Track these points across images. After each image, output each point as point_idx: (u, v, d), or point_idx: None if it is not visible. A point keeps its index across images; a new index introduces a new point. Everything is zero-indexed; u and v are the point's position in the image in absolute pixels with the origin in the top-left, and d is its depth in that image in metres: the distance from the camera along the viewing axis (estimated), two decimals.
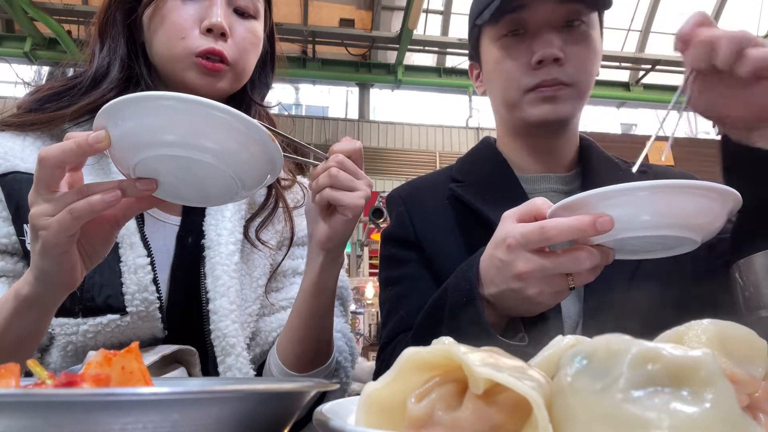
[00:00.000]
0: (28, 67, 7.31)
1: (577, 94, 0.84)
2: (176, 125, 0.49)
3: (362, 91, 8.22)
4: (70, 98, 0.79)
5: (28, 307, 0.58)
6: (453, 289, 0.68)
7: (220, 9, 0.79)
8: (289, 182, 0.97)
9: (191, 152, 0.50)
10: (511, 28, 0.84)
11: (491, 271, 0.62)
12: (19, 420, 0.27)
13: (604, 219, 0.52)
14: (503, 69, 0.86)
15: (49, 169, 0.51)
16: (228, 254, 0.81)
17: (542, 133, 0.90)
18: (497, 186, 0.89)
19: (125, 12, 0.82)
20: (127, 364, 0.33)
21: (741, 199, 0.53)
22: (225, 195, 0.57)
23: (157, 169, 0.53)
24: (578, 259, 0.56)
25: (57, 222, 0.51)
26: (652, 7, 7.75)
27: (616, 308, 0.78)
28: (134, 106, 0.49)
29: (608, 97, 8.29)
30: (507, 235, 0.59)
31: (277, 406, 0.36)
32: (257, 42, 0.86)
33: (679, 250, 0.57)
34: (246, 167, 0.53)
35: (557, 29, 0.83)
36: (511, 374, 0.28)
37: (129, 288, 0.74)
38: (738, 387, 0.28)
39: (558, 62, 0.82)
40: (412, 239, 0.92)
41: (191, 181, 0.54)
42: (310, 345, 0.76)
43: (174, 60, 0.79)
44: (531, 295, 0.59)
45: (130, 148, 0.51)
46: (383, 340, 0.90)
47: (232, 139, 0.50)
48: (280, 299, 0.90)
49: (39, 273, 0.55)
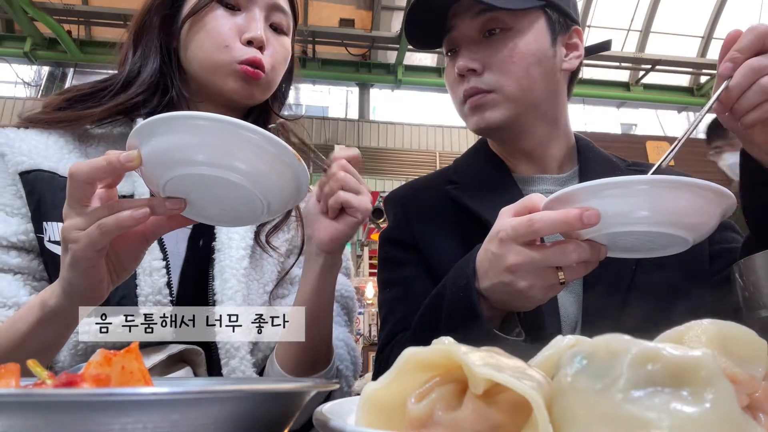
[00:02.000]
0: (28, 67, 7.31)
1: (505, 99, 0.85)
2: (207, 144, 0.49)
3: (362, 91, 8.23)
4: (99, 99, 0.81)
5: (52, 318, 0.58)
6: (451, 284, 0.68)
7: (261, 23, 0.83)
8: None
9: (220, 171, 0.50)
10: (448, 47, 0.91)
11: (485, 264, 0.63)
12: (19, 420, 0.27)
13: (591, 212, 0.52)
14: (447, 86, 0.94)
15: (79, 185, 0.52)
16: (238, 258, 0.82)
17: (499, 138, 0.93)
18: (494, 187, 0.89)
19: (163, 17, 0.85)
20: (127, 364, 0.33)
21: (735, 201, 0.52)
22: (251, 216, 0.58)
23: (186, 189, 0.54)
24: (565, 252, 0.56)
25: (86, 236, 0.52)
26: (652, 7, 7.75)
27: (615, 309, 0.78)
28: (165, 125, 0.49)
29: (608, 97, 8.29)
30: (500, 228, 0.60)
31: (276, 406, 0.36)
32: (287, 57, 0.90)
33: (671, 249, 0.57)
34: (274, 189, 0.54)
35: (478, 41, 0.86)
36: (511, 374, 0.28)
37: (143, 290, 0.74)
38: (738, 387, 0.28)
39: (475, 72, 0.85)
40: (410, 241, 0.92)
41: (219, 201, 0.55)
42: (309, 349, 0.76)
43: (215, 67, 0.82)
44: (522, 289, 0.59)
45: (161, 166, 0.51)
46: (382, 341, 0.90)
47: (261, 160, 0.51)
48: (284, 306, 0.90)
49: (66, 285, 0.55)
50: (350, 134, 7.69)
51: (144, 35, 0.85)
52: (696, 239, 0.54)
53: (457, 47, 0.89)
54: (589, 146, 0.97)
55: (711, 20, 7.85)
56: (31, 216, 0.75)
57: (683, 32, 8.01)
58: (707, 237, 0.55)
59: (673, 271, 0.81)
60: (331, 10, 7.50)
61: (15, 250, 0.74)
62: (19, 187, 0.75)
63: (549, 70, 0.87)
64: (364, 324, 6.94)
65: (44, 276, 0.76)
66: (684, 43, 8.03)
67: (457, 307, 0.66)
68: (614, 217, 0.52)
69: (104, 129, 0.83)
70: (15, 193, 0.75)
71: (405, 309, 0.86)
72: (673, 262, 0.81)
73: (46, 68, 7.40)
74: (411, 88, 8.16)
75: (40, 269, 0.76)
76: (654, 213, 0.50)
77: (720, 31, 7.82)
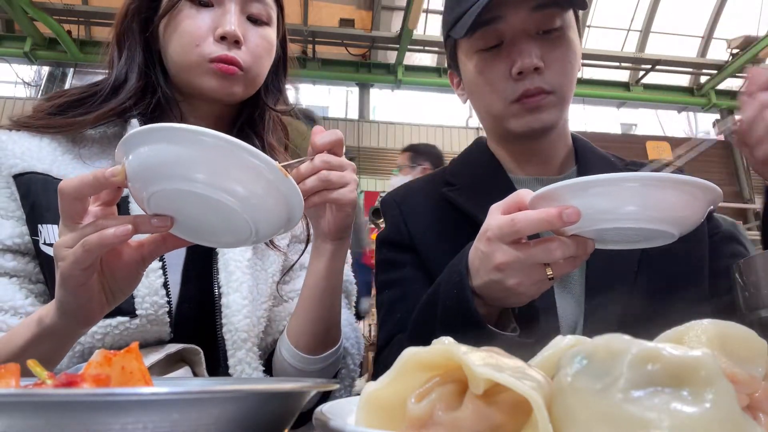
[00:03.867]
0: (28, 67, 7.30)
1: (560, 101, 0.84)
2: (192, 160, 0.46)
3: (362, 91, 8.21)
4: (89, 105, 0.80)
5: (48, 336, 0.58)
6: (445, 282, 0.69)
7: (234, 17, 0.80)
8: None
9: (204, 189, 0.47)
10: (487, 42, 0.83)
11: (476, 262, 0.63)
12: (19, 420, 0.27)
13: (570, 210, 0.52)
14: (484, 82, 0.85)
15: (68, 201, 0.52)
16: (241, 251, 0.83)
17: (527, 141, 0.90)
18: (490, 189, 0.89)
19: (141, 21, 0.83)
20: (127, 364, 0.33)
21: (721, 193, 0.52)
22: (236, 239, 0.55)
23: (173, 207, 0.51)
24: (549, 249, 0.56)
25: (72, 254, 0.51)
26: (652, 7, 7.74)
27: (617, 310, 0.78)
28: (147, 137, 0.47)
29: (608, 97, 8.28)
30: (487, 227, 0.60)
31: (276, 406, 0.36)
32: (270, 48, 0.87)
33: (657, 242, 0.57)
34: (263, 214, 0.51)
35: (533, 37, 0.82)
36: (511, 374, 0.28)
37: (140, 291, 0.74)
38: (738, 387, 0.28)
39: (538, 71, 0.81)
40: (407, 242, 0.92)
41: (204, 220, 0.52)
42: (323, 325, 0.78)
43: (189, 67, 0.80)
44: (511, 286, 0.60)
45: (143, 179, 0.49)
46: (380, 343, 0.90)
47: (253, 182, 0.48)
48: (288, 291, 0.92)
49: (59, 304, 0.55)
50: (350, 134, 7.68)
51: (126, 39, 0.84)
52: (683, 232, 0.54)
53: (502, 41, 0.83)
54: (587, 146, 0.97)
55: (711, 20, 7.84)
56: (25, 219, 0.75)
57: (683, 32, 8.00)
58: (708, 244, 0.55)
59: (674, 273, 0.81)
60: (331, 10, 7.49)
61: (10, 254, 0.73)
62: (13, 190, 0.75)
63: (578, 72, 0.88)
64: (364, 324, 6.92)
65: (40, 279, 0.76)
66: (684, 43, 8.02)
67: (451, 304, 0.66)
68: (599, 214, 0.52)
69: (98, 130, 0.83)
70: (9, 195, 0.75)
71: (403, 310, 0.86)
72: (674, 264, 0.81)
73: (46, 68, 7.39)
74: (411, 88, 8.14)
75: (36, 272, 0.75)
76: (639, 209, 0.50)
77: (720, 31, 7.81)
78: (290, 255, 0.93)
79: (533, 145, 0.91)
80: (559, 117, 0.86)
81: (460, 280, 0.65)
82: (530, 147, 0.91)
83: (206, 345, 0.78)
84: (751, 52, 7.14)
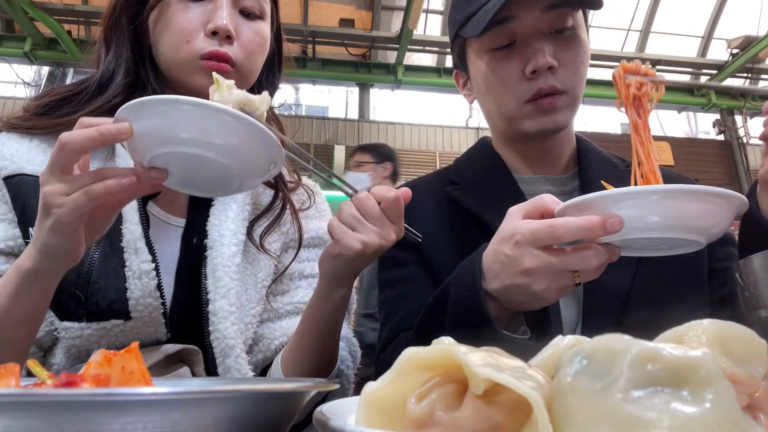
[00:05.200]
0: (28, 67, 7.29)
1: (572, 101, 0.84)
2: (189, 125, 0.54)
3: (362, 91, 8.21)
4: (76, 104, 0.79)
5: (32, 281, 0.60)
6: (456, 284, 0.68)
7: (226, 11, 0.78)
8: (294, 184, 0.96)
9: (202, 150, 0.55)
10: (499, 42, 0.83)
11: (495, 265, 0.62)
12: (19, 420, 0.27)
13: (614, 220, 0.52)
14: (496, 82, 0.85)
15: (68, 154, 0.55)
16: (230, 255, 0.81)
17: (537, 141, 0.90)
18: (494, 188, 0.89)
19: (130, 16, 0.81)
20: (127, 364, 0.33)
21: (747, 202, 0.54)
22: (226, 187, 0.62)
23: (167, 162, 0.58)
24: (586, 258, 0.56)
25: (72, 201, 0.55)
26: (652, 7, 7.74)
27: (615, 311, 0.78)
28: (157, 106, 0.54)
29: (608, 97, 8.28)
30: (515, 231, 0.59)
31: (276, 406, 0.36)
32: (264, 43, 0.85)
33: (684, 249, 0.58)
34: (248, 163, 0.58)
35: (546, 36, 0.82)
36: (511, 374, 0.28)
37: (133, 293, 0.73)
38: (738, 387, 0.28)
39: (551, 70, 0.81)
40: (410, 240, 0.92)
41: (198, 173, 0.59)
42: (319, 361, 0.77)
43: (180, 63, 0.78)
44: (537, 291, 0.59)
45: (149, 142, 0.56)
46: (382, 341, 0.90)
47: (236, 137, 0.55)
48: (285, 303, 0.89)
49: (45, 247, 0.58)
50: (350, 134, 7.68)
51: (113, 35, 0.82)
52: (710, 240, 0.56)
53: (515, 40, 0.83)
54: (589, 147, 0.97)
55: (711, 20, 7.84)
56: (17, 221, 0.74)
57: (683, 32, 8.00)
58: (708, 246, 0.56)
59: (674, 274, 0.81)
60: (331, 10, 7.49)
61: (3, 256, 0.73)
62: (4, 192, 0.74)
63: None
64: None
65: None
66: (684, 43, 8.02)
67: (462, 306, 0.65)
68: (632, 224, 0.53)
69: None
70: (0, 198, 0.74)
71: (406, 308, 0.86)
72: (674, 265, 0.82)
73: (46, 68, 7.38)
74: (411, 88, 8.14)
75: None
76: (670, 220, 0.52)
77: (720, 31, 7.81)
78: (284, 260, 0.92)
79: (543, 145, 0.90)
80: (571, 117, 0.86)
81: (473, 282, 0.64)
82: (539, 147, 0.91)
83: (202, 345, 0.78)
84: (751, 52, 7.14)
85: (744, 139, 8.29)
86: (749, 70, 7.86)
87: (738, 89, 8.28)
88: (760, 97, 7.74)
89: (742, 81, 8.02)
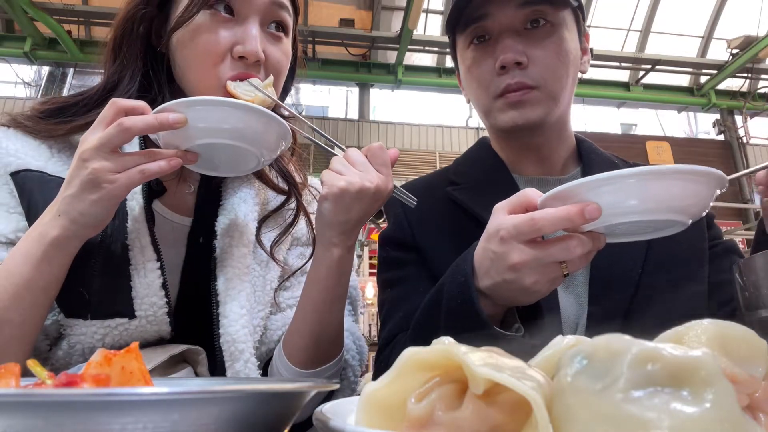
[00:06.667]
0: (28, 67, 7.30)
1: (546, 97, 0.84)
2: (233, 122, 0.65)
3: (362, 91, 8.22)
4: (76, 112, 0.78)
5: (57, 250, 0.62)
6: (449, 283, 0.68)
7: (256, 32, 0.75)
8: (302, 185, 0.96)
9: (236, 141, 0.66)
10: (476, 34, 0.86)
11: (485, 263, 0.63)
12: (19, 420, 0.27)
13: (592, 207, 0.53)
14: (474, 76, 0.88)
15: (127, 136, 0.61)
16: (240, 257, 0.80)
17: (518, 137, 0.90)
18: (494, 188, 0.89)
19: (146, 28, 0.79)
20: (127, 364, 0.33)
21: (726, 178, 0.54)
22: (244, 168, 0.73)
23: (201, 149, 0.68)
24: (569, 248, 0.57)
25: (127, 178, 0.61)
26: (652, 7, 7.74)
27: (620, 310, 0.78)
28: (209, 105, 0.65)
29: (608, 97, 8.28)
30: (499, 227, 0.60)
31: (276, 406, 0.36)
32: (287, 62, 0.83)
33: (668, 231, 0.58)
34: (267, 146, 0.70)
35: (519, 33, 0.83)
36: (511, 374, 0.28)
37: (138, 292, 0.73)
38: (738, 387, 0.28)
39: (521, 66, 0.82)
40: (410, 241, 0.92)
41: (221, 157, 0.70)
42: (321, 339, 0.75)
43: (203, 87, 0.75)
44: (527, 285, 0.59)
45: (195, 133, 0.65)
46: (382, 341, 0.90)
47: (265, 130, 0.68)
48: (287, 298, 0.90)
49: (83, 217, 0.62)
50: (350, 134, 7.69)
51: (124, 44, 0.79)
52: (693, 218, 0.56)
53: (490, 35, 0.85)
54: (591, 147, 0.97)
55: (711, 20, 7.84)
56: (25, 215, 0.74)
57: (683, 32, 8.00)
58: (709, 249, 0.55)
59: (678, 272, 0.81)
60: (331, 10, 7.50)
61: (12, 246, 0.72)
62: (12, 187, 0.74)
63: (575, 71, 0.88)
64: (364, 324, 6.93)
65: None
66: (684, 43, 8.02)
67: (455, 305, 0.65)
68: (612, 209, 0.53)
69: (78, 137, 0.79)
70: (9, 192, 0.74)
71: (405, 309, 0.86)
72: (678, 264, 0.82)
73: (46, 68, 7.39)
74: (411, 88, 8.15)
75: None
76: (649, 202, 0.52)
77: (720, 31, 7.81)
78: (290, 260, 0.92)
79: (526, 141, 0.91)
80: (547, 113, 0.85)
81: (465, 281, 0.64)
82: (524, 143, 0.91)
83: (206, 345, 0.78)
84: (751, 52, 7.15)
85: (744, 139, 8.30)
86: (749, 70, 7.87)
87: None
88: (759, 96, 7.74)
89: (742, 81, 8.03)
